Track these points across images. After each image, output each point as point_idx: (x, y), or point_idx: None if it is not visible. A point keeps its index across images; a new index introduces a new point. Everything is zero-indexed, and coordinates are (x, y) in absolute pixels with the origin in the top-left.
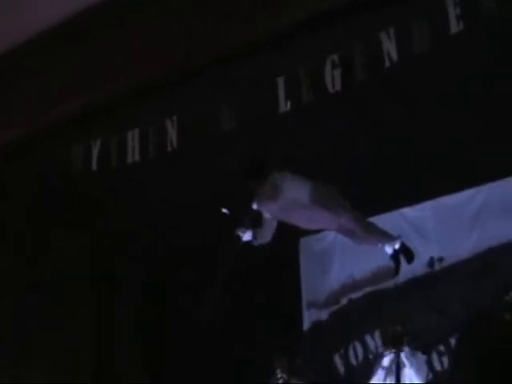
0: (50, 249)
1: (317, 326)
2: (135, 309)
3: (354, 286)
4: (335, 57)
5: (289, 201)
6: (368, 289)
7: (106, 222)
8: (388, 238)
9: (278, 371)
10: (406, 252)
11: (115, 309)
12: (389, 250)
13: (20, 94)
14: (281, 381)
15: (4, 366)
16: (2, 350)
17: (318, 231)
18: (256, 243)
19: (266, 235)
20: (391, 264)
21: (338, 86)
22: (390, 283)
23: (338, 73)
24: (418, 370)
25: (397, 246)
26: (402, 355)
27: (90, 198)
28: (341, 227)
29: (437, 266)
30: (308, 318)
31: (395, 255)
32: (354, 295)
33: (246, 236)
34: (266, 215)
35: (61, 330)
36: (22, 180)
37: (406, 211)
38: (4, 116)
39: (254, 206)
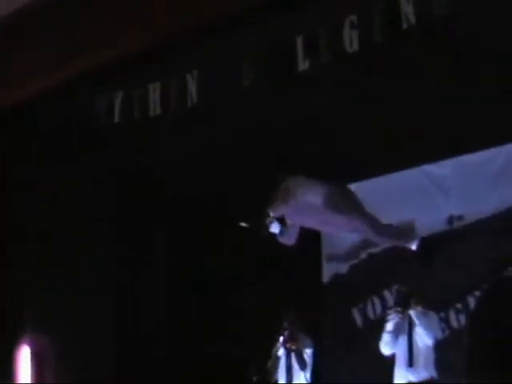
0: None
1: (336, 279)
2: None
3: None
4: (354, 17)
5: (302, 205)
6: (388, 244)
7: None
8: (404, 238)
9: (285, 326)
10: (426, 252)
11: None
12: (413, 247)
13: (43, 47)
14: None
15: None
16: None
17: None
18: (281, 240)
19: (291, 237)
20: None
21: (356, 47)
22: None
23: (355, 33)
24: (427, 329)
25: (414, 247)
26: (412, 314)
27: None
28: (355, 230)
29: (455, 225)
30: (327, 271)
31: (419, 254)
32: (374, 250)
33: (274, 227)
34: (287, 220)
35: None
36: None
37: (428, 168)
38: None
39: (269, 211)
